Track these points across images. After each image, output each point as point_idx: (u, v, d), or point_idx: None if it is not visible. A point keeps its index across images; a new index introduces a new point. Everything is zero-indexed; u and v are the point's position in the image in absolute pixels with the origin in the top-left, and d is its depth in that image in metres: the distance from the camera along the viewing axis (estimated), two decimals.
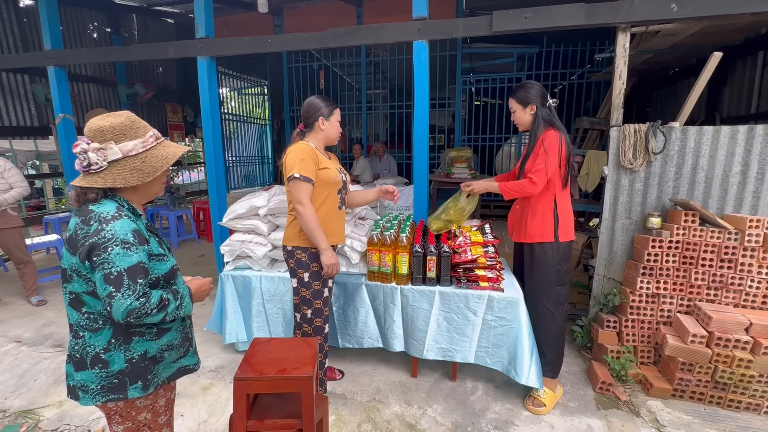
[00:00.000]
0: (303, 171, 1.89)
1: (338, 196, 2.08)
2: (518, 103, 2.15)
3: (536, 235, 2.14)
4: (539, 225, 2.13)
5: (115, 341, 1.16)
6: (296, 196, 1.91)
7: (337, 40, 2.97)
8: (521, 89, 2.14)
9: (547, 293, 2.16)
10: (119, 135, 1.13)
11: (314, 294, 2.05)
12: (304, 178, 1.89)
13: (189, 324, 1.39)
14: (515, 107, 2.17)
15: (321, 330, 2.10)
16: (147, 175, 1.16)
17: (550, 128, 2.07)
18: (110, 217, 1.10)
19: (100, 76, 6.32)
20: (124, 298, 1.07)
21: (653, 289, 2.40)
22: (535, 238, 2.15)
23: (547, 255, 2.13)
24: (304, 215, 1.91)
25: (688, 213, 2.33)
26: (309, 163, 1.92)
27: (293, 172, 1.89)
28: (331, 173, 2.00)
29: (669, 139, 2.44)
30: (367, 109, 7.77)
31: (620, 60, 2.49)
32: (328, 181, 1.99)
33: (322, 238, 1.94)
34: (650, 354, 2.46)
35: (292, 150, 1.95)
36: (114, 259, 1.07)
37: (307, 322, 2.08)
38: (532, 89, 2.11)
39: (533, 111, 2.11)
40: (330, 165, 2.04)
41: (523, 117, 2.15)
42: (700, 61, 4.44)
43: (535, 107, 2.10)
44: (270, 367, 1.45)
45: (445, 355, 2.30)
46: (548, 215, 2.12)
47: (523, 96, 2.12)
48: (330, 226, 2.05)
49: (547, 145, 2.02)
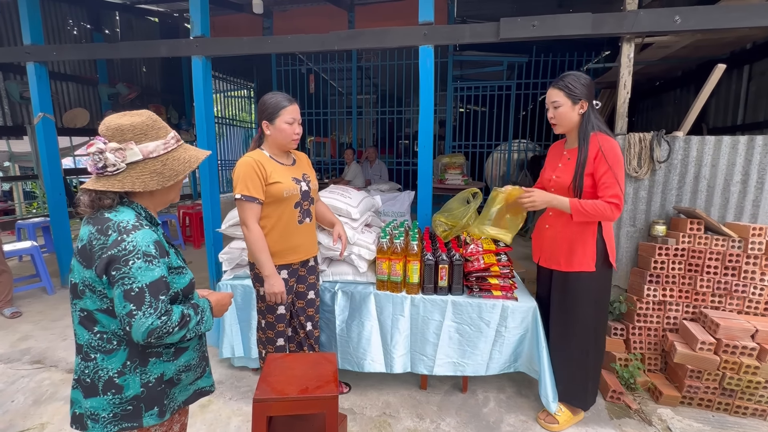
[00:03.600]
0: (246, 190, 1.76)
1: (296, 210, 1.89)
2: (567, 97, 1.76)
3: (575, 263, 1.85)
4: (580, 252, 1.84)
5: (131, 364, 1.06)
6: (241, 217, 1.80)
7: (340, 42, 2.91)
8: (572, 79, 1.75)
9: (583, 329, 1.91)
10: (140, 135, 1.03)
11: (268, 308, 1.99)
12: (247, 198, 1.76)
13: (204, 342, 1.29)
14: (561, 101, 1.78)
15: (273, 341, 2.06)
16: (168, 179, 1.06)
17: (600, 133, 1.77)
18: (131, 226, 1.00)
19: (80, 74, 6.04)
20: (146, 317, 0.96)
21: (660, 296, 2.42)
22: (573, 267, 1.86)
23: (585, 286, 1.85)
24: (248, 239, 1.80)
25: (693, 221, 2.37)
26: (253, 180, 1.76)
27: (235, 192, 1.78)
28: (282, 187, 1.81)
29: (673, 148, 2.49)
30: (357, 114, 7.72)
31: (625, 69, 2.52)
32: (279, 197, 1.81)
33: (266, 264, 1.81)
34: (657, 361, 2.48)
35: (238, 166, 1.80)
36: (136, 274, 0.97)
37: (261, 330, 2.07)
38: (585, 81, 1.75)
39: (583, 110, 1.77)
40: (283, 177, 1.83)
41: (569, 116, 1.78)
42: (685, 74, 4.61)
43: (586, 105, 1.77)
44: (290, 386, 1.36)
45: (456, 370, 2.23)
46: (590, 241, 1.82)
47: (575, 88, 1.74)
48: (289, 244, 1.91)
49: (611, 157, 1.71)
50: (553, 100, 1.81)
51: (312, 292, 2.14)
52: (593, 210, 1.72)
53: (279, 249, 1.89)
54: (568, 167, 1.86)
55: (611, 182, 1.71)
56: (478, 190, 2.48)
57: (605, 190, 1.73)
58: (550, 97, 1.82)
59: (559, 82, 1.79)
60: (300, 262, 2.01)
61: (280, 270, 1.91)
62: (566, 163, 1.89)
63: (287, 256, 1.93)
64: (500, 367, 2.21)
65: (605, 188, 1.73)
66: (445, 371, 2.23)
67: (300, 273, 2.07)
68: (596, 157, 1.74)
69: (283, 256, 1.92)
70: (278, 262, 1.90)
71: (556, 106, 1.80)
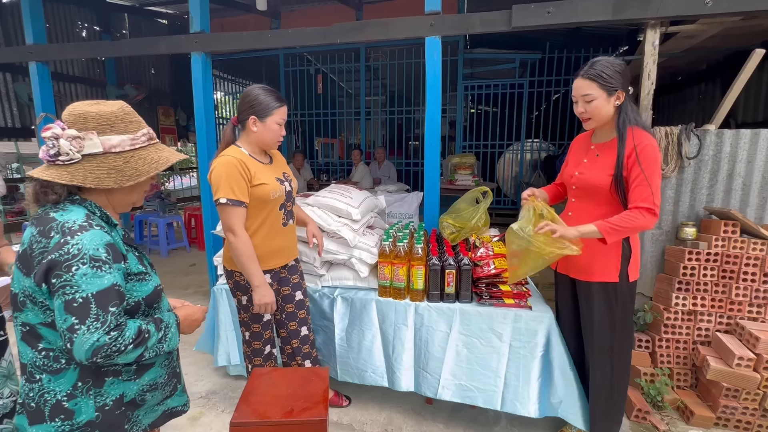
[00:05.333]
0: (231, 194, 1.59)
1: (281, 212, 1.79)
2: (602, 89, 1.51)
3: (597, 273, 1.66)
4: (603, 260, 1.65)
5: (83, 385, 0.92)
6: (226, 223, 1.63)
7: (343, 35, 2.77)
8: (604, 67, 1.50)
9: (605, 343, 1.72)
10: (105, 126, 0.90)
11: (252, 318, 1.85)
12: (233, 202, 1.60)
13: (176, 356, 1.15)
14: (595, 93, 1.53)
15: (260, 352, 1.92)
16: (127, 179, 0.93)
17: (637, 128, 1.54)
18: (77, 227, 0.87)
19: (89, 75, 6.07)
20: (90, 333, 0.83)
21: (690, 305, 2.20)
22: (595, 276, 1.67)
23: (608, 298, 1.68)
24: (235, 247, 1.64)
25: (728, 223, 2.15)
26: (238, 181, 1.61)
27: (218, 196, 1.60)
28: (269, 189, 1.68)
29: (703, 143, 2.27)
30: (366, 115, 7.59)
31: (649, 58, 2.32)
32: (265, 199, 1.69)
33: (256, 273, 1.67)
34: (687, 377, 2.25)
35: (217, 166, 1.63)
36: (79, 282, 0.83)
37: (246, 344, 1.93)
38: (619, 68, 1.51)
39: (620, 101, 1.53)
40: (267, 177, 1.71)
41: (604, 109, 1.54)
42: (711, 67, 4.34)
43: (623, 95, 1.53)
44: (274, 407, 1.20)
45: (465, 396, 1.97)
46: (615, 248, 1.63)
47: (610, 77, 1.49)
48: (274, 246, 1.80)
49: (647, 157, 1.48)
50: (584, 93, 1.55)
51: (299, 292, 1.98)
52: (625, 223, 1.50)
53: (262, 253, 1.74)
54: (596, 164, 1.64)
55: (643, 185, 1.48)
56: (488, 189, 2.31)
57: (636, 193, 1.51)
58: (581, 89, 1.56)
59: (590, 71, 1.53)
60: (281, 266, 1.89)
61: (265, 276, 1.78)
62: (594, 159, 1.66)
63: (271, 260, 1.80)
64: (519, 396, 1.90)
65: (637, 192, 1.51)
66: (452, 396, 1.98)
67: (282, 275, 1.92)
68: (629, 156, 1.52)
69: (266, 260, 1.78)
70: (262, 267, 1.76)
71: (589, 100, 1.55)
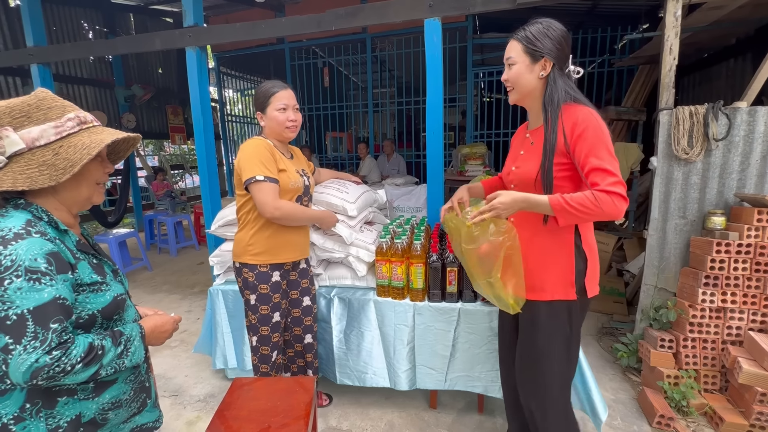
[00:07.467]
0: (266, 171, 1.61)
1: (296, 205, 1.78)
2: (525, 52, 1.26)
3: (548, 290, 1.30)
4: (555, 272, 1.29)
5: (32, 406, 0.84)
6: (263, 200, 1.61)
7: (337, 21, 2.63)
8: (535, 29, 1.25)
9: (553, 369, 1.34)
10: (21, 118, 0.81)
11: (261, 319, 1.76)
12: (270, 179, 1.60)
13: (146, 369, 1.06)
14: (516, 57, 1.27)
15: (268, 359, 1.83)
16: (62, 172, 0.83)
17: (573, 104, 1.24)
18: (12, 235, 0.78)
19: (96, 77, 6.11)
20: (27, 353, 0.74)
21: (718, 302, 2.02)
22: (545, 294, 1.30)
23: (559, 317, 1.31)
24: (287, 214, 1.65)
25: (762, 210, 1.94)
26: (269, 160, 1.63)
27: (254, 174, 1.59)
28: (289, 176, 1.70)
29: (733, 123, 2.06)
30: (374, 107, 7.44)
31: (671, 31, 2.11)
32: (285, 188, 1.68)
33: (313, 211, 1.85)
34: (716, 380, 2.07)
35: (246, 147, 1.66)
36: (13, 297, 0.75)
37: (253, 351, 1.84)
38: (554, 33, 1.24)
39: (546, 71, 1.25)
40: (289, 167, 1.73)
41: (524, 77, 1.28)
42: (740, 41, 4.02)
43: (549, 65, 1.25)
44: (250, 423, 1.11)
45: (468, 385, 1.95)
46: (568, 255, 1.28)
47: (537, 40, 1.24)
48: (286, 239, 1.75)
49: (592, 131, 1.17)
50: (507, 56, 1.31)
51: (307, 298, 1.95)
52: (586, 205, 1.13)
53: (272, 245, 1.72)
54: (532, 154, 1.32)
55: (601, 165, 1.15)
56: None
57: (596, 176, 1.15)
58: (506, 52, 1.32)
59: (519, 31, 1.28)
60: (292, 263, 1.84)
61: (272, 271, 1.75)
62: (529, 149, 1.35)
63: (280, 253, 1.75)
64: None
65: (595, 174, 1.15)
66: (457, 386, 1.96)
67: (291, 277, 1.88)
68: (572, 135, 1.20)
69: (275, 253, 1.74)
70: (269, 260, 1.73)
71: (510, 63, 1.30)
